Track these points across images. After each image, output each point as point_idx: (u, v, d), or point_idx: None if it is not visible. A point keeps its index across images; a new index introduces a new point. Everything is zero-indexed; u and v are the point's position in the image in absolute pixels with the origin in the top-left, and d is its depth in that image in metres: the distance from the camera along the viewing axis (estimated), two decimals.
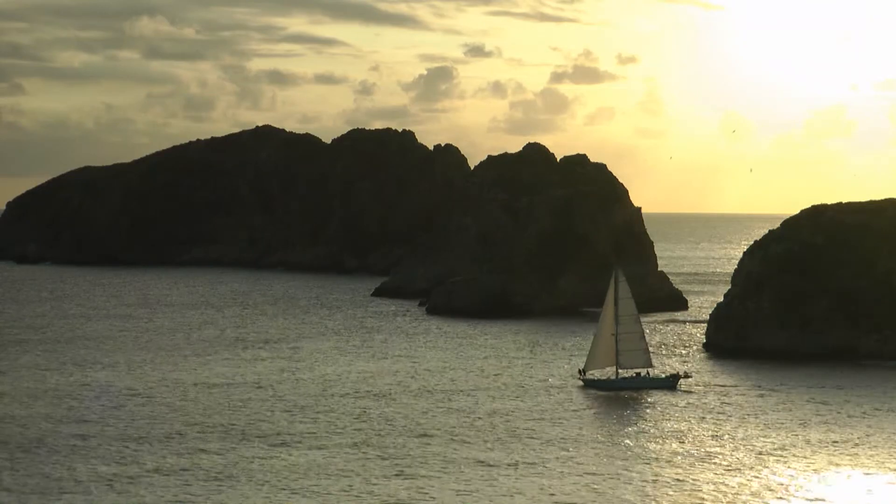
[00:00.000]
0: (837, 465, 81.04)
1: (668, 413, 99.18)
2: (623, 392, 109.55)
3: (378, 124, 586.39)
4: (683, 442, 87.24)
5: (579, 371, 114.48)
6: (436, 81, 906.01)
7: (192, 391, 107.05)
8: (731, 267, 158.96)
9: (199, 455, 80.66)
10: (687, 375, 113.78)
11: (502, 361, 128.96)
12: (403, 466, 78.30)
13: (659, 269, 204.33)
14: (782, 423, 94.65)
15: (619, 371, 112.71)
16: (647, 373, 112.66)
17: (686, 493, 72.85)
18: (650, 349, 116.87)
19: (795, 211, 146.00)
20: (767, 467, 79.72)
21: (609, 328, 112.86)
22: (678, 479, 75.88)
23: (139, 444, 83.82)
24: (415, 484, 74.02)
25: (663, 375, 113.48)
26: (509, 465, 79.21)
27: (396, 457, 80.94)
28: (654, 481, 75.37)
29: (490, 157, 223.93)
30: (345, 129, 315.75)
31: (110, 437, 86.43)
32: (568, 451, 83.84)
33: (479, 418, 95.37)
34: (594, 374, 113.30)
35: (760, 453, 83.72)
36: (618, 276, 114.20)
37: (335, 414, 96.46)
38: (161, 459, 79.36)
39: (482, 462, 79.83)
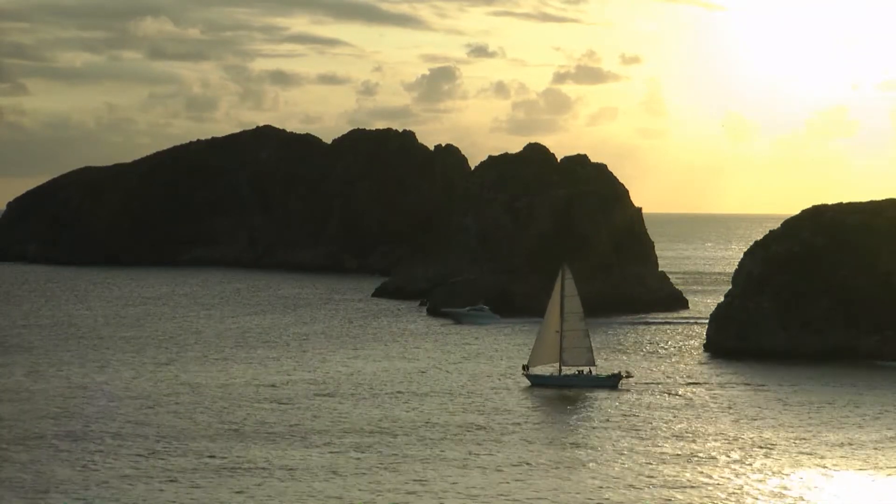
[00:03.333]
0: (838, 465, 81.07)
1: (666, 413, 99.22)
2: (570, 390, 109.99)
3: (380, 124, 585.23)
4: (681, 443, 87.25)
5: (523, 367, 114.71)
6: (438, 82, 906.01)
7: (192, 392, 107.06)
8: (732, 267, 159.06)
9: (199, 456, 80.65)
10: (629, 375, 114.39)
11: (503, 362, 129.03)
12: (403, 467, 78.33)
13: (659, 269, 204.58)
14: (782, 424, 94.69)
15: (563, 368, 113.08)
16: (590, 371, 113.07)
17: (683, 494, 72.85)
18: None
19: (796, 211, 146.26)
20: (766, 467, 79.74)
21: (554, 325, 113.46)
22: (676, 480, 75.94)
23: (140, 445, 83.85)
24: (414, 484, 74.05)
25: (605, 375, 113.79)
26: (510, 466, 79.27)
27: (395, 458, 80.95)
28: (652, 481, 75.43)
29: (490, 158, 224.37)
30: (347, 130, 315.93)
31: (110, 438, 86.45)
32: (565, 451, 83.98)
33: (480, 420, 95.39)
34: (537, 370, 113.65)
35: (759, 453, 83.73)
36: (564, 272, 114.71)
37: (334, 415, 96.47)
38: (162, 459, 79.39)
39: (482, 463, 79.87)
